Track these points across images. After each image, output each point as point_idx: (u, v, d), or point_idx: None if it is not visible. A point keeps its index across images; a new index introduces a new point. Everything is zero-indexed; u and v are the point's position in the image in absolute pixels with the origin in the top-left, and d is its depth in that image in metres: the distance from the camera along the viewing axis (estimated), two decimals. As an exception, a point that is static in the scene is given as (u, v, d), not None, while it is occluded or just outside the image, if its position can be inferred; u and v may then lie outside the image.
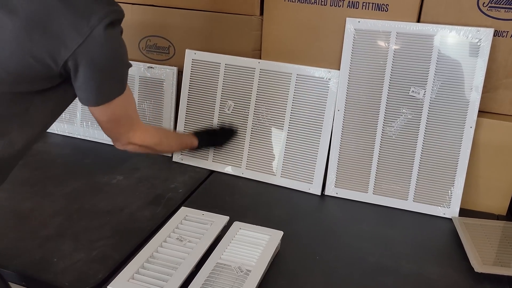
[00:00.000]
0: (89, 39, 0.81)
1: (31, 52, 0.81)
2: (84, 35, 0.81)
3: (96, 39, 0.81)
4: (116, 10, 0.85)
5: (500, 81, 1.19)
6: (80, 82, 0.86)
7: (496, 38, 1.14)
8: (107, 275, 0.98)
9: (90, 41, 0.81)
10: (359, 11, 1.22)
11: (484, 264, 1.01)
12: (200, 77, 1.41)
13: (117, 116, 0.97)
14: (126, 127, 1.02)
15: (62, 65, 0.82)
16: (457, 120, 1.18)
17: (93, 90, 0.88)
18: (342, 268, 1.03)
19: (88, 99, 0.90)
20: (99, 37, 0.82)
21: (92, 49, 0.82)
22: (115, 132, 1.02)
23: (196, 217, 1.11)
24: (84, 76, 0.85)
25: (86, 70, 0.84)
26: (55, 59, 0.82)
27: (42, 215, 1.17)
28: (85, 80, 0.86)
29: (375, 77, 1.23)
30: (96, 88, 0.88)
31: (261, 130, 1.36)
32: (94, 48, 0.82)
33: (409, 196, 1.24)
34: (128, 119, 1.01)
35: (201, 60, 1.40)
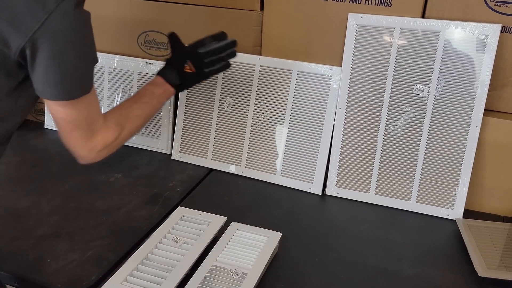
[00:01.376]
0: (46, 24, 0.73)
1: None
2: (39, 20, 0.73)
3: (54, 24, 0.74)
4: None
5: (507, 79, 1.15)
6: (39, 72, 0.78)
7: (504, 34, 1.11)
8: (101, 276, 0.96)
9: (47, 27, 0.74)
10: (361, 6, 1.19)
11: (488, 269, 0.98)
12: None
13: (78, 117, 0.86)
14: (86, 133, 0.89)
15: (19, 52, 0.75)
16: (462, 119, 1.15)
17: (55, 83, 0.80)
18: (341, 271, 1.00)
19: (46, 91, 0.81)
20: (57, 22, 0.74)
21: (51, 35, 0.74)
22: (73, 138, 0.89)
23: (192, 217, 1.09)
24: (43, 66, 0.77)
25: (45, 59, 0.76)
26: (9, 44, 0.75)
27: (38, 214, 1.15)
28: (44, 70, 0.78)
29: (377, 74, 1.19)
30: (59, 81, 0.80)
31: (261, 128, 1.33)
32: (52, 34, 0.74)
33: (412, 196, 1.20)
34: (88, 123, 0.89)
35: None
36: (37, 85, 0.81)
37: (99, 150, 0.93)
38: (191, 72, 1.10)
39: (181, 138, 1.42)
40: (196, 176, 1.35)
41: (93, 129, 0.91)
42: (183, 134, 1.42)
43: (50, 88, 0.80)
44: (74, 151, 0.93)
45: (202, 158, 1.40)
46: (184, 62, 1.10)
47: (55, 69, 0.78)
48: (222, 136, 1.37)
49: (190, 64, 1.10)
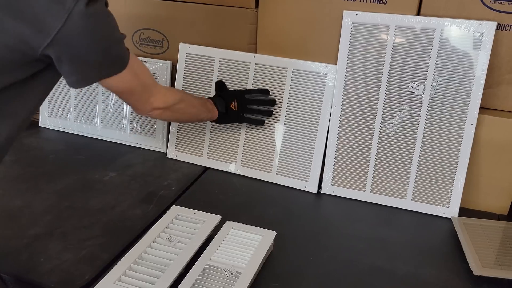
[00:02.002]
0: (68, 23, 0.74)
1: (4, 42, 0.75)
2: (61, 19, 0.74)
3: (76, 22, 0.74)
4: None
5: (503, 77, 1.15)
6: (66, 69, 0.80)
7: (499, 31, 1.10)
8: (94, 276, 0.95)
9: (69, 26, 0.74)
10: (357, 3, 1.18)
11: (484, 267, 0.98)
12: (194, 71, 1.37)
13: (128, 88, 0.93)
14: (144, 95, 0.97)
15: (41, 53, 0.76)
16: (457, 117, 1.14)
17: (81, 74, 0.82)
18: (336, 270, 1.00)
19: (76, 81, 0.83)
20: (79, 19, 0.74)
21: (74, 34, 0.75)
22: (133, 101, 0.98)
23: (187, 216, 1.08)
24: (69, 63, 0.79)
25: (71, 57, 0.78)
26: (33, 48, 0.76)
27: (32, 213, 1.15)
28: (71, 67, 0.80)
29: (373, 72, 1.19)
30: (85, 73, 0.82)
31: (256, 126, 1.32)
32: (74, 33, 0.75)
33: (408, 195, 1.20)
34: (143, 87, 0.96)
35: (195, 54, 1.36)
36: (68, 79, 0.83)
37: (160, 107, 1.02)
38: (234, 110, 1.24)
39: (176, 136, 1.42)
40: (191, 175, 1.34)
41: (149, 90, 0.98)
42: (178, 133, 1.42)
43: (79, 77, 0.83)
44: (134, 108, 1.01)
45: (197, 156, 1.40)
46: (232, 100, 1.24)
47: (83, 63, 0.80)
48: (217, 135, 1.37)
49: (235, 103, 1.24)
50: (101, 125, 1.51)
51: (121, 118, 1.48)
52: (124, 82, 0.90)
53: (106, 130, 1.51)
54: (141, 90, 0.96)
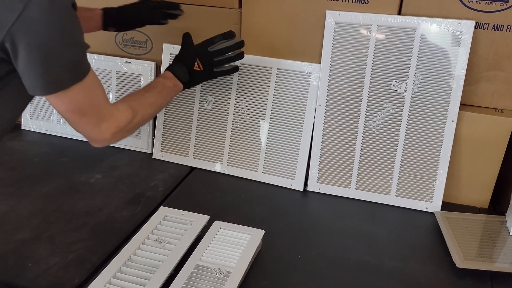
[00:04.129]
0: (24, 15, 0.70)
1: None
2: (16, 10, 0.70)
3: (32, 14, 0.70)
4: None
5: (481, 74, 1.18)
6: (23, 67, 0.75)
7: (477, 30, 1.13)
8: (84, 279, 0.95)
9: (25, 17, 0.70)
10: (339, 3, 1.20)
11: (466, 260, 1.00)
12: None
13: (80, 106, 0.84)
14: (94, 119, 0.88)
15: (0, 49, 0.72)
16: (439, 114, 1.17)
17: (39, 76, 0.76)
18: (324, 267, 1.02)
19: (34, 86, 0.77)
20: (36, 11, 0.70)
21: (30, 27, 0.71)
22: (83, 126, 0.88)
23: (175, 217, 1.09)
24: (26, 60, 0.74)
25: (27, 52, 0.73)
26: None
27: (17, 217, 1.14)
28: (27, 64, 0.74)
29: (356, 71, 1.21)
30: (42, 73, 0.76)
31: (242, 126, 1.33)
32: (31, 25, 0.71)
33: (392, 190, 1.23)
34: (94, 109, 0.87)
35: None
36: (25, 81, 0.78)
37: (113, 133, 0.92)
38: (200, 70, 1.12)
39: (162, 137, 1.42)
40: (178, 175, 1.35)
41: (102, 113, 0.89)
42: (164, 133, 1.42)
43: (37, 81, 0.77)
44: (86, 136, 0.91)
45: (183, 156, 1.40)
46: (194, 60, 1.12)
47: (39, 61, 0.75)
48: (203, 135, 1.37)
49: (199, 62, 1.12)
50: (85, 127, 1.50)
51: (105, 119, 1.47)
52: (76, 97, 0.82)
53: (90, 131, 1.50)
54: (92, 112, 0.87)
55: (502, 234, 1.11)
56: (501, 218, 1.16)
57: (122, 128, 0.93)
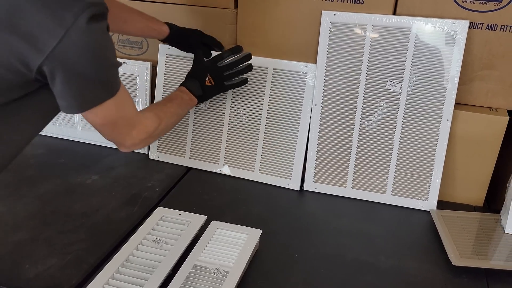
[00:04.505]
0: (64, 40, 0.71)
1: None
2: (57, 36, 0.70)
3: (73, 40, 0.71)
4: (96, 2, 0.73)
5: (476, 73, 1.19)
6: (59, 89, 0.76)
7: (472, 30, 1.14)
8: (81, 280, 0.95)
9: (66, 43, 0.71)
10: (334, 4, 1.20)
11: (462, 258, 1.01)
12: (175, 72, 1.37)
13: (112, 119, 0.87)
14: (126, 128, 0.93)
15: (37, 71, 0.73)
16: (434, 113, 1.18)
17: (76, 97, 0.79)
18: (321, 266, 1.02)
19: (70, 106, 0.80)
20: (77, 38, 0.71)
21: (69, 52, 0.72)
22: (115, 135, 0.93)
23: (172, 217, 1.09)
24: (63, 83, 0.75)
25: (65, 75, 0.74)
26: (27, 64, 0.72)
27: (14, 218, 1.14)
28: (64, 87, 0.76)
29: (352, 71, 1.21)
30: (79, 95, 0.79)
31: (238, 126, 1.34)
32: (71, 50, 0.72)
33: (388, 189, 1.23)
34: (125, 120, 0.92)
35: (175, 55, 1.36)
36: (60, 102, 0.80)
37: (142, 139, 0.97)
38: (211, 85, 1.19)
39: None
40: (175, 176, 1.35)
41: (132, 122, 0.94)
42: (160, 134, 1.42)
43: (74, 102, 0.80)
44: (116, 142, 0.96)
45: (180, 157, 1.40)
46: (205, 76, 1.18)
47: (76, 85, 0.77)
48: (199, 135, 1.38)
49: (210, 77, 1.18)
50: (80, 128, 1.50)
51: (101, 120, 1.47)
52: (109, 111, 0.85)
53: (86, 132, 1.50)
54: (123, 122, 0.92)
55: (497, 232, 1.12)
56: (496, 216, 1.17)
57: (150, 134, 0.99)
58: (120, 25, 1.17)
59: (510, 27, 1.12)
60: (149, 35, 1.24)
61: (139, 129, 0.96)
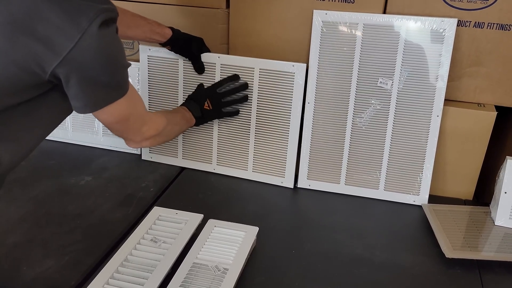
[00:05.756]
0: (80, 43, 0.73)
1: (15, 60, 0.73)
2: (73, 39, 0.72)
3: (87, 43, 0.73)
4: (108, 8, 0.76)
5: (464, 70, 1.22)
6: (74, 91, 0.78)
7: (460, 28, 1.17)
8: (80, 281, 0.95)
9: (81, 46, 0.73)
10: (326, 3, 1.22)
11: (454, 250, 1.04)
12: (159, 73, 1.36)
13: (125, 116, 0.90)
14: (136, 124, 0.97)
15: (51, 73, 0.75)
16: (424, 109, 1.20)
17: (89, 97, 0.81)
18: (318, 261, 1.04)
19: (84, 107, 0.82)
20: (91, 41, 0.73)
21: (84, 55, 0.74)
22: (127, 132, 0.97)
23: (169, 216, 1.10)
24: (77, 85, 0.77)
25: (79, 78, 0.76)
26: (43, 66, 0.74)
27: (8, 221, 1.13)
28: (79, 89, 0.78)
29: (343, 69, 1.23)
30: (92, 96, 0.81)
31: (228, 125, 1.34)
32: (86, 53, 0.74)
33: (380, 185, 1.26)
34: (137, 116, 0.95)
35: (157, 56, 1.34)
36: (74, 103, 0.81)
37: (152, 135, 1.03)
38: (209, 109, 1.25)
39: (150, 138, 1.41)
40: (169, 176, 1.35)
41: (142, 119, 0.98)
42: (153, 134, 1.41)
43: (87, 102, 0.81)
44: (125, 138, 1.01)
45: (172, 157, 1.40)
46: (204, 100, 1.24)
47: (90, 88, 0.79)
48: (190, 135, 1.38)
49: (209, 102, 1.24)
50: (72, 129, 1.49)
51: (93, 121, 1.46)
52: (121, 109, 0.87)
53: (77, 134, 1.49)
54: (135, 119, 0.94)
55: (487, 224, 1.15)
56: (485, 209, 1.20)
57: (159, 132, 1.04)
58: (124, 31, 1.15)
59: (497, 24, 1.16)
60: (152, 39, 1.24)
61: (149, 126, 1.01)
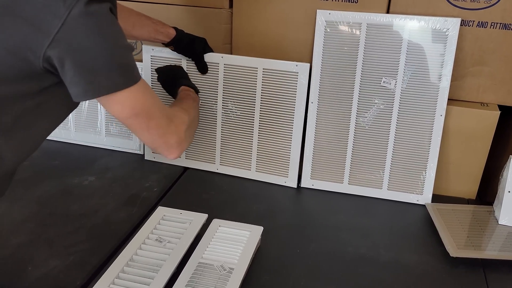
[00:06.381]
0: (68, 21, 0.69)
1: (4, 44, 0.70)
2: (61, 17, 0.68)
3: (76, 20, 0.69)
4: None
5: (467, 69, 1.22)
6: (71, 75, 0.73)
7: (463, 27, 1.17)
8: (86, 281, 0.95)
9: (70, 23, 0.69)
10: (329, 3, 1.22)
11: (459, 249, 1.04)
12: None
13: (143, 108, 0.80)
14: (163, 120, 0.85)
15: (43, 57, 0.71)
16: (427, 109, 1.20)
17: (88, 82, 0.74)
18: (322, 260, 1.04)
19: (84, 92, 0.74)
20: (80, 19, 0.69)
21: (75, 33, 0.70)
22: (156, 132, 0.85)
23: (174, 216, 1.10)
24: (73, 68, 0.72)
25: (74, 60, 0.71)
26: (33, 49, 0.70)
27: (12, 222, 1.13)
28: (75, 73, 0.72)
29: (347, 69, 1.23)
30: (92, 79, 0.74)
31: (231, 125, 1.33)
32: (76, 31, 0.70)
33: (384, 184, 1.26)
34: (160, 110, 0.85)
35: (161, 56, 1.34)
36: (73, 89, 0.75)
37: (184, 130, 0.90)
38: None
39: (153, 138, 1.41)
40: (172, 175, 1.35)
41: (167, 114, 0.88)
42: (156, 134, 1.41)
43: (88, 85, 0.74)
44: (159, 145, 0.88)
45: (176, 157, 1.40)
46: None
47: (89, 67, 0.73)
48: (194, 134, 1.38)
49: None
50: (75, 129, 1.49)
51: (95, 121, 1.46)
52: (138, 99, 0.79)
53: (80, 134, 1.49)
54: (158, 113, 0.84)
55: (490, 223, 1.15)
56: (488, 208, 1.20)
57: (188, 124, 0.93)
58: (129, 30, 1.16)
59: (500, 24, 1.16)
60: (156, 39, 1.22)
61: (177, 122, 0.90)
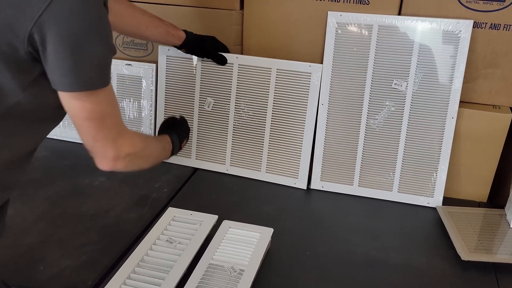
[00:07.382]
0: (54, 3, 0.67)
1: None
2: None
3: (62, 3, 0.68)
4: None
5: (479, 72, 1.21)
6: (51, 60, 0.71)
7: (475, 29, 1.16)
8: (97, 281, 0.96)
9: (55, 5, 0.67)
10: (340, 4, 1.22)
11: (470, 252, 1.03)
12: (177, 74, 1.37)
13: (102, 113, 0.79)
14: (113, 131, 0.82)
15: (28, 40, 0.68)
16: (439, 111, 1.20)
17: (69, 71, 0.72)
18: (333, 262, 1.04)
19: (62, 82, 0.73)
20: (66, 1, 0.68)
21: (60, 16, 0.68)
22: (100, 139, 0.81)
23: (184, 217, 1.10)
24: (54, 53, 0.70)
25: (56, 43, 0.69)
26: (16, 32, 0.68)
27: (24, 221, 1.13)
28: (56, 57, 0.70)
29: (358, 71, 1.23)
30: (71, 68, 0.72)
31: (243, 126, 1.34)
32: (61, 14, 0.68)
33: (394, 187, 1.25)
34: (115, 120, 0.83)
35: (176, 56, 1.35)
36: (51, 76, 0.73)
37: (127, 153, 0.86)
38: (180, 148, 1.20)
39: (163, 138, 1.42)
40: (182, 176, 1.35)
41: (120, 128, 0.85)
42: (166, 135, 1.42)
43: (64, 77, 0.72)
44: (97, 152, 0.85)
45: (186, 158, 1.40)
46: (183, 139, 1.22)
47: (69, 55, 0.71)
48: (204, 136, 1.38)
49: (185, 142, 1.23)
50: (85, 130, 1.50)
51: (106, 122, 1.47)
52: (102, 103, 0.78)
53: (91, 134, 1.49)
54: (112, 123, 0.82)
55: (502, 227, 1.14)
56: (500, 211, 1.20)
57: (136, 151, 0.88)
58: (143, 30, 1.18)
59: (513, 26, 1.15)
60: (167, 41, 1.25)
61: (126, 140, 0.85)
